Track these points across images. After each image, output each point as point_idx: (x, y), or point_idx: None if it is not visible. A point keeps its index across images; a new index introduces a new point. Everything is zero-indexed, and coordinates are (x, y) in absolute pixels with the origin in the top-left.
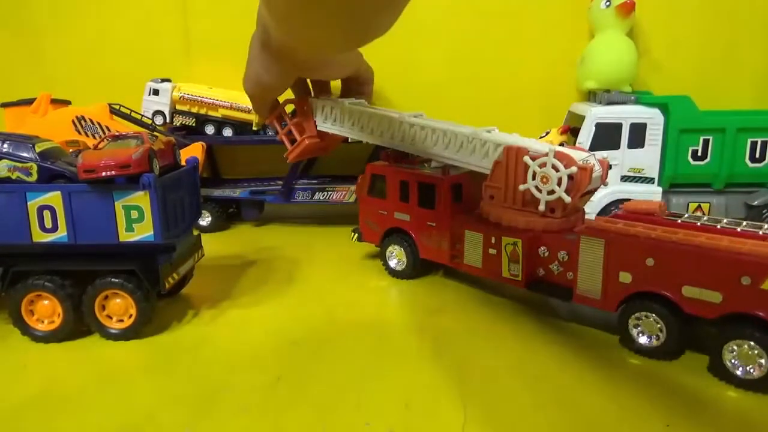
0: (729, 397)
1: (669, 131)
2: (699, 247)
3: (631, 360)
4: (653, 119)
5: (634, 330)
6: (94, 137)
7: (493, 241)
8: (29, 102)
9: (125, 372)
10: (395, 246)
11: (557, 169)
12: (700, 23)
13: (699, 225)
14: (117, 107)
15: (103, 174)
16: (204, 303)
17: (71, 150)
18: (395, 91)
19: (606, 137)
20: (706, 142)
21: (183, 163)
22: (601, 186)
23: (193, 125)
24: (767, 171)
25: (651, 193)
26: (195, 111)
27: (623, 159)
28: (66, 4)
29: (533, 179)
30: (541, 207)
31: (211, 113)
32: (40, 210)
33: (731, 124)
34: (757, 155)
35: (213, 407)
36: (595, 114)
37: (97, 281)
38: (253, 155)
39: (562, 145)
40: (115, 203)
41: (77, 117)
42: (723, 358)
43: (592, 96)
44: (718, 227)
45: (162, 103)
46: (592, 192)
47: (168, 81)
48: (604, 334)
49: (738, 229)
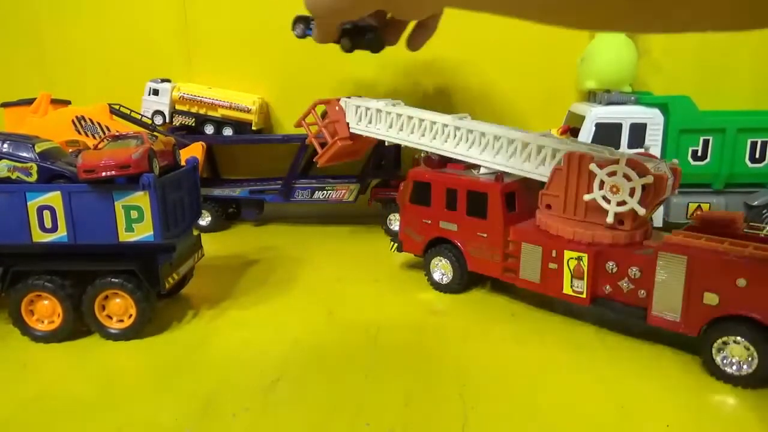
0: (728, 398)
1: (669, 131)
2: None
3: (631, 360)
4: (653, 119)
5: (718, 356)
6: (94, 137)
7: (554, 255)
8: (29, 102)
9: (125, 372)
10: (440, 258)
11: (630, 179)
12: None
13: None
14: (117, 107)
15: (103, 174)
16: (204, 303)
17: (71, 150)
18: (393, 92)
19: (606, 137)
20: (706, 142)
21: (183, 163)
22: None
23: (193, 125)
24: (767, 171)
25: None
26: (194, 111)
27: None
28: (66, 4)
29: (600, 189)
30: (609, 219)
31: (211, 113)
32: (40, 210)
33: (731, 124)
34: (757, 155)
35: (213, 407)
36: (595, 114)
37: (97, 281)
38: (253, 155)
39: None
40: (115, 203)
41: (77, 117)
42: None
43: (592, 96)
44: None
45: (162, 103)
46: (661, 202)
47: (168, 81)
48: (604, 333)
49: None
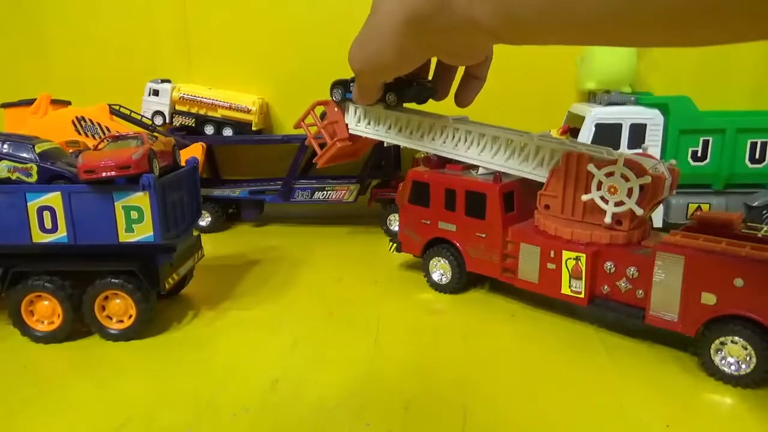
0: (727, 397)
1: (669, 132)
2: None
3: (630, 360)
4: (653, 120)
5: (716, 356)
6: (94, 138)
7: (552, 255)
8: (29, 102)
9: (125, 372)
10: (439, 258)
11: (628, 179)
12: None
13: None
14: (117, 108)
15: (103, 175)
16: (204, 303)
17: (71, 150)
18: None
19: (606, 138)
20: (705, 142)
21: (183, 164)
22: (671, 195)
23: (193, 125)
24: (767, 172)
25: None
26: (194, 111)
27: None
28: (67, 4)
29: (598, 189)
30: (607, 219)
31: (211, 113)
32: (40, 211)
33: (731, 124)
34: (757, 156)
35: (213, 407)
36: (595, 114)
37: (97, 282)
38: (253, 155)
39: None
40: (115, 204)
41: (77, 117)
42: None
43: (592, 96)
44: None
45: (162, 104)
46: (659, 202)
47: (168, 81)
48: (603, 333)
49: None
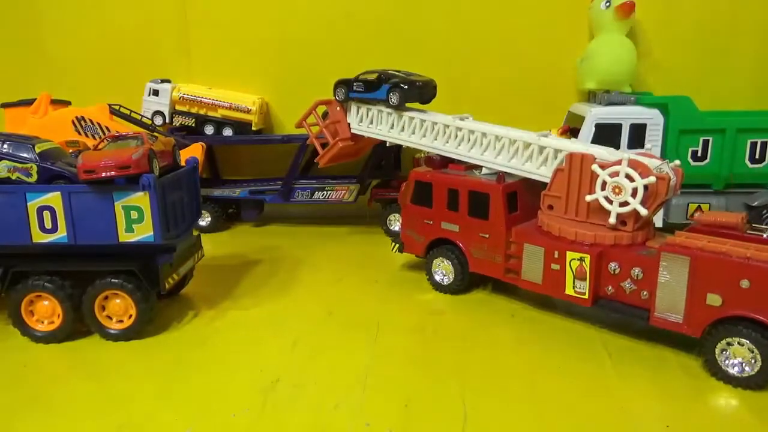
0: (728, 399)
1: (669, 132)
2: None
3: (631, 360)
4: (653, 120)
5: (721, 357)
6: (94, 138)
7: (557, 256)
8: (29, 102)
9: (125, 372)
10: (442, 259)
11: (632, 179)
12: (700, 23)
13: None
14: (117, 108)
15: (103, 175)
16: (204, 303)
17: (71, 150)
18: None
19: (606, 138)
20: (706, 142)
21: (183, 164)
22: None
23: (193, 125)
24: (767, 172)
25: None
26: (194, 111)
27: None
28: (67, 4)
29: (602, 189)
30: (612, 219)
31: (211, 113)
32: (40, 210)
33: (731, 124)
34: (757, 156)
35: (213, 407)
36: (595, 114)
37: (97, 282)
38: (253, 155)
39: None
40: (115, 204)
41: (77, 117)
42: None
43: (592, 96)
44: None
45: (162, 104)
46: (663, 202)
47: (168, 81)
48: (605, 333)
49: None
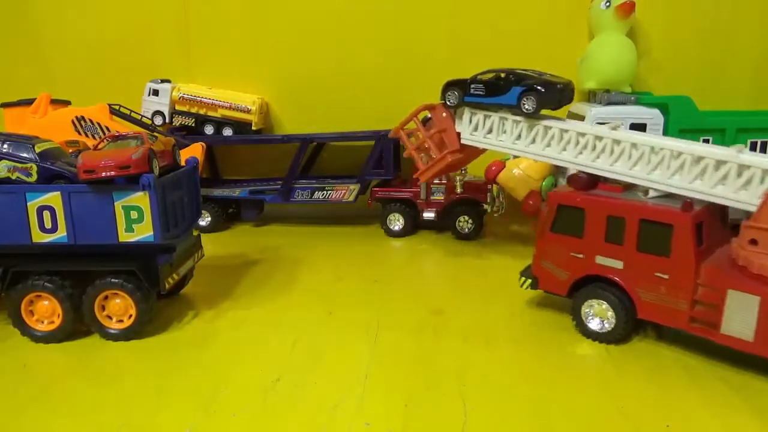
0: (728, 399)
1: (669, 132)
2: None
3: (632, 363)
4: (653, 119)
5: None
6: (93, 137)
7: None
8: (29, 102)
9: (125, 372)
10: (596, 301)
11: None
12: (700, 23)
13: None
14: (117, 107)
15: (103, 174)
16: (204, 303)
17: (71, 150)
18: (394, 91)
19: None
20: (706, 142)
21: (183, 164)
22: None
23: (193, 125)
24: None
25: None
26: (194, 111)
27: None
28: (66, 4)
29: None
30: None
31: (211, 113)
32: (39, 210)
33: (731, 124)
34: None
35: (213, 407)
36: (595, 114)
37: (97, 281)
38: (253, 155)
39: None
40: (115, 204)
41: (77, 117)
42: None
43: (592, 96)
44: None
45: (161, 104)
46: None
47: (168, 81)
48: None
49: None
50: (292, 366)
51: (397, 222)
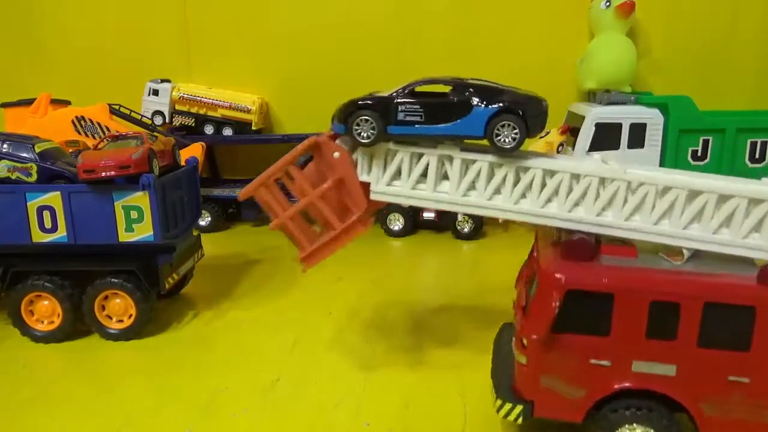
0: None
1: (669, 131)
2: None
3: None
4: (653, 119)
5: None
6: (94, 137)
7: None
8: (29, 102)
9: (125, 372)
10: (634, 427)
11: None
12: (700, 23)
13: None
14: (117, 107)
15: (103, 174)
16: (204, 303)
17: (71, 150)
18: None
19: (606, 137)
20: (705, 142)
21: (183, 163)
22: None
23: (193, 125)
24: (767, 171)
25: None
26: (194, 111)
27: (623, 159)
28: (66, 4)
29: None
30: None
31: (211, 113)
32: (39, 210)
33: (731, 124)
34: (757, 155)
35: (213, 407)
36: (595, 114)
37: (97, 281)
38: (253, 155)
39: (561, 146)
40: (115, 204)
41: (77, 117)
42: None
43: (592, 96)
44: None
45: (161, 104)
46: None
47: (168, 81)
48: None
49: None
50: (292, 366)
51: (397, 222)
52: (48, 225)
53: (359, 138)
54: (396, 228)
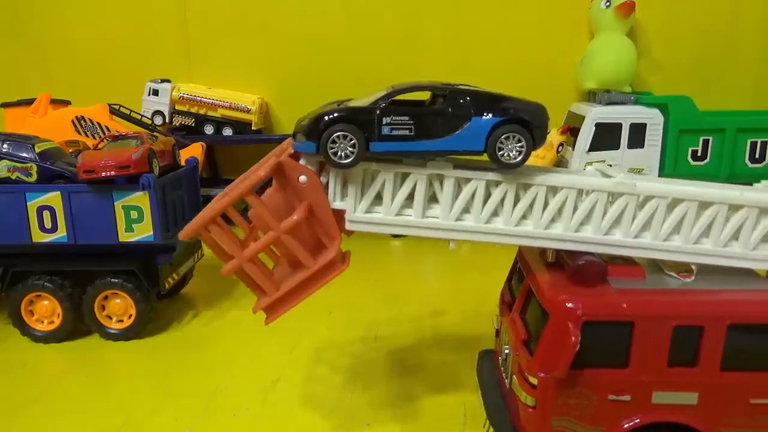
0: None
1: (669, 131)
2: None
3: None
4: (653, 119)
5: None
6: (94, 137)
7: None
8: (29, 102)
9: (125, 372)
10: None
11: None
12: (699, 23)
13: None
14: (117, 107)
15: (103, 174)
16: (204, 303)
17: (71, 150)
18: None
19: (606, 137)
20: (705, 142)
21: (183, 163)
22: None
23: (193, 125)
24: (767, 171)
25: None
26: (194, 111)
27: (623, 159)
28: (66, 4)
29: None
30: None
31: (211, 113)
32: (39, 210)
33: (731, 124)
34: (757, 155)
35: (213, 407)
36: (595, 114)
37: (97, 281)
38: (253, 155)
39: (561, 146)
40: (115, 203)
41: (77, 117)
42: None
43: (592, 96)
44: None
45: (161, 104)
46: None
47: (167, 81)
48: None
49: None
50: (292, 366)
51: None
52: (48, 225)
53: (335, 158)
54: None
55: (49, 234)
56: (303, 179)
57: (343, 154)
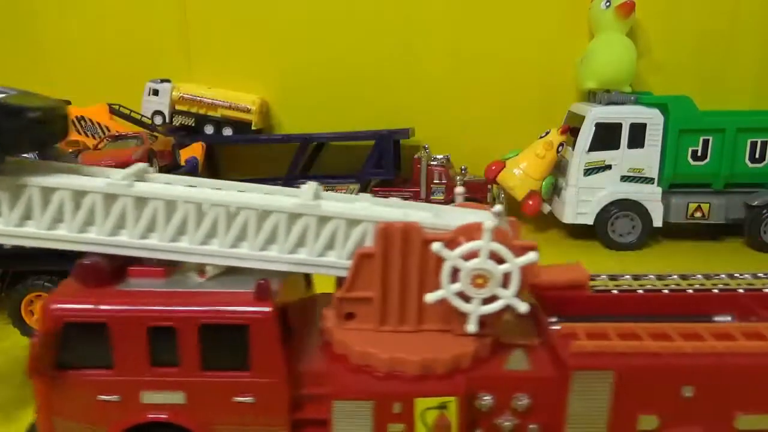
0: None
1: (669, 131)
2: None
3: None
4: (653, 119)
5: None
6: (93, 137)
7: (398, 411)
8: None
9: None
10: None
11: (502, 260)
12: (699, 23)
13: (668, 293)
14: (117, 107)
15: None
16: None
17: (71, 150)
18: (394, 91)
19: (606, 137)
20: (705, 142)
21: (183, 163)
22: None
23: (193, 125)
24: (767, 171)
25: (651, 193)
26: (194, 111)
27: (623, 159)
28: (66, 4)
29: (454, 281)
30: (472, 327)
31: (211, 113)
32: None
33: (731, 124)
34: (757, 155)
35: None
36: (595, 114)
37: None
38: (253, 155)
39: (561, 146)
40: None
41: (77, 117)
42: None
43: (592, 96)
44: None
45: (161, 104)
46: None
47: (167, 81)
48: None
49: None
50: None
51: None
52: None
53: None
54: None
55: None
56: None
57: None
